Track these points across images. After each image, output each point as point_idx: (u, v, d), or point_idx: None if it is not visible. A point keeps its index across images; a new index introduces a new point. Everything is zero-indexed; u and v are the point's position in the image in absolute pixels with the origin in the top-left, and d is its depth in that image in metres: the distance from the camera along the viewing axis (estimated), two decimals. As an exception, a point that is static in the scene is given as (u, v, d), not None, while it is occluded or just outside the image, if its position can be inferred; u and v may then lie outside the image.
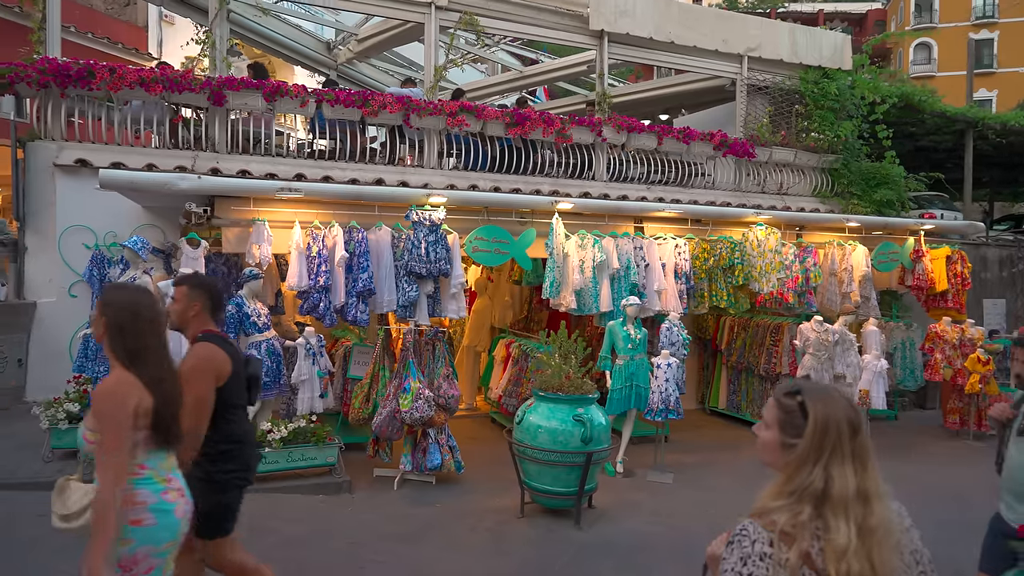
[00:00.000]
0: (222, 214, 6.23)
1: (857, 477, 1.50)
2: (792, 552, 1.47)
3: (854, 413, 1.57)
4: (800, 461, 1.55)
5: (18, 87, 7.18)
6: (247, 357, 3.26)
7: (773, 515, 1.53)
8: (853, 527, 1.47)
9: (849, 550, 1.44)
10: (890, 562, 1.48)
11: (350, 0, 8.72)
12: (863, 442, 1.55)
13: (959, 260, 9.42)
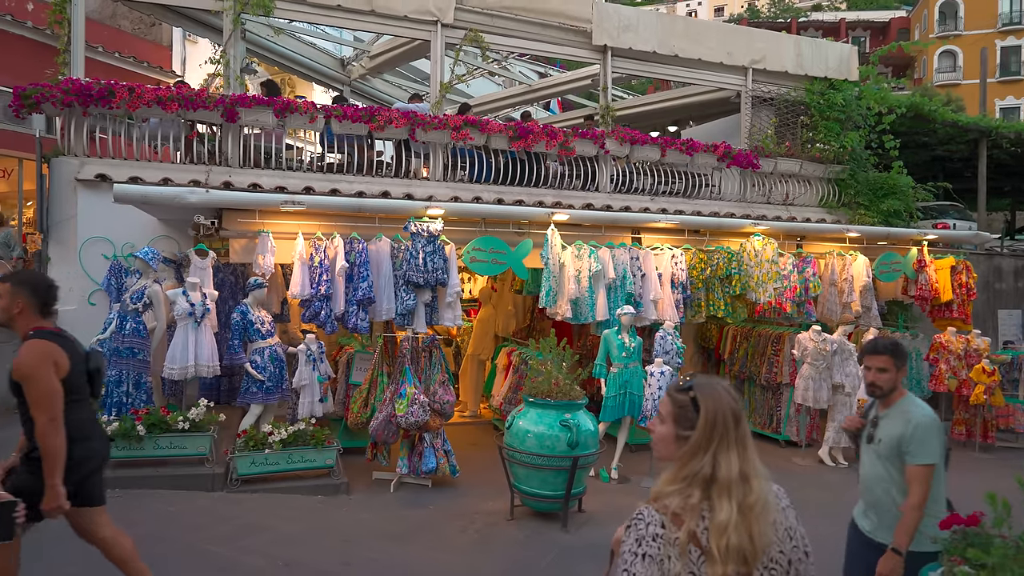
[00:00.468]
0: (229, 226, 6.53)
1: (740, 460, 1.67)
2: (681, 532, 1.63)
3: (737, 405, 1.74)
4: (692, 450, 1.70)
5: (44, 107, 7.58)
6: (88, 352, 3.34)
7: (666, 499, 1.68)
8: (734, 505, 1.62)
9: (730, 525, 1.60)
10: (766, 535, 1.62)
11: (358, 20, 9.01)
12: (744, 429, 1.72)
13: (964, 270, 9.39)
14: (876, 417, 3.05)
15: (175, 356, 5.98)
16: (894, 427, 2.93)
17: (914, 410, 2.94)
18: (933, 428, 2.89)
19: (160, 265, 6.46)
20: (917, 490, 2.84)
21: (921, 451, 2.85)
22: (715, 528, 1.62)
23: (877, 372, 3.00)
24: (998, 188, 18.82)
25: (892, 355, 3.00)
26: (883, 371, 2.99)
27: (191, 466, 5.86)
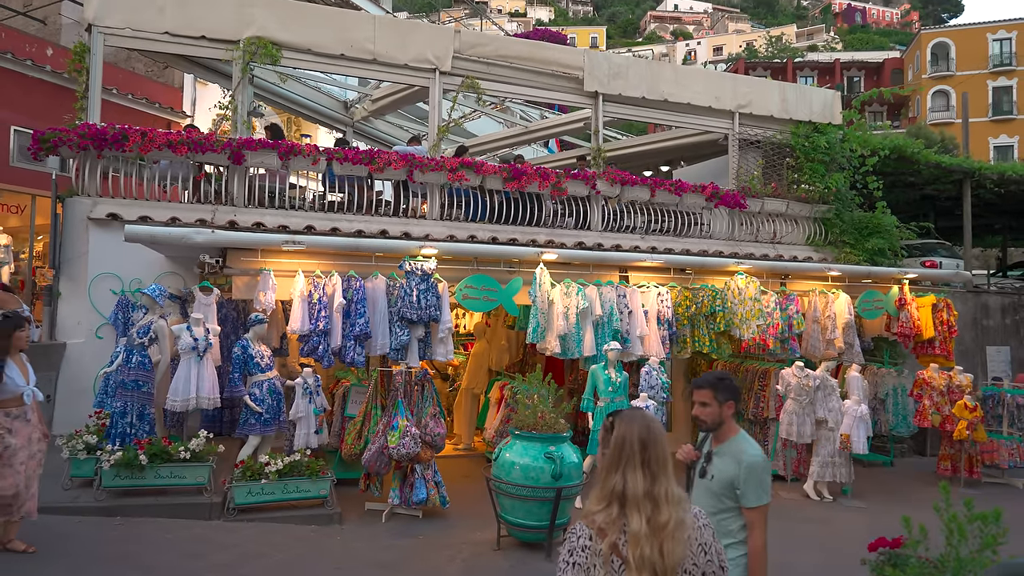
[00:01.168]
0: (233, 264, 6.85)
1: (646, 482, 1.92)
2: (604, 543, 1.89)
3: (647, 433, 2.00)
4: (607, 469, 1.99)
5: (61, 149, 8.00)
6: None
7: (594, 516, 1.95)
8: (644, 519, 1.87)
9: (641, 536, 1.85)
10: (676, 553, 1.87)
11: (361, 68, 9.48)
12: (656, 455, 1.97)
13: (945, 308, 9.64)
14: (710, 452, 3.01)
15: (178, 389, 6.25)
16: (727, 466, 2.90)
17: (746, 449, 2.92)
18: (764, 469, 2.90)
19: (166, 301, 6.76)
20: (758, 533, 2.83)
21: (754, 493, 2.83)
22: (631, 539, 1.87)
23: (700, 406, 2.98)
24: (989, 225, 19.16)
25: (713, 389, 2.96)
26: (704, 405, 2.97)
27: (190, 495, 6.08)
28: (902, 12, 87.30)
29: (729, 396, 2.98)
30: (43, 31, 16.14)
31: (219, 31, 8.72)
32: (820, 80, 48.10)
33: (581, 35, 79.76)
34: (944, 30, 44.53)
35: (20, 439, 4.87)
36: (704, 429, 3.03)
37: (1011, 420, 9.54)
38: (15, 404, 4.88)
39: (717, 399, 2.95)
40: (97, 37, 8.45)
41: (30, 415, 4.99)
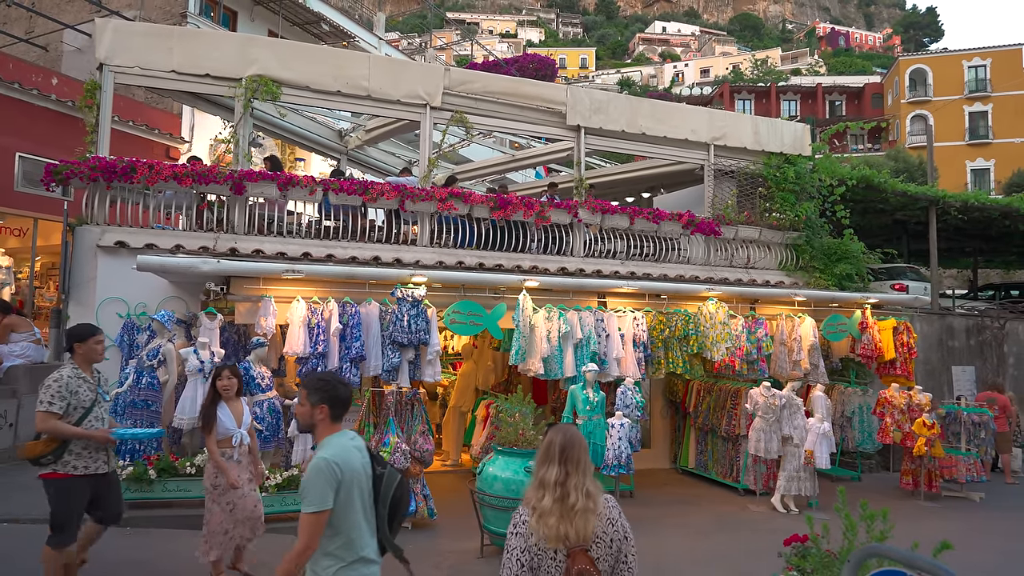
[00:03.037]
0: (236, 291, 7.35)
1: (560, 474, 2.51)
2: (532, 517, 2.49)
3: (566, 440, 2.61)
4: (537, 464, 2.63)
5: (72, 181, 8.49)
6: None
7: (530, 498, 2.57)
8: (553, 500, 2.46)
9: (549, 513, 2.43)
10: (584, 530, 2.43)
11: (356, 103, 10.05)
12: (571, 457, 2.56)
13: (905, 331, 10.25)
14: None
15: (184, 408, 6.71)
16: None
17: (317, 453, 2.86)
18: (320, 473, 2.75)
19: (173, 325, 7.23)
20: (302, 537, 2.73)
21: (305, 497, 2.75)
22: (540, 514, 2.46)
23: (299, 404, 2.97)
24: (960, 248, 19.92)
25: (307, 389, 2.93)
26: (301, 404, 2.96)
27: (195, 508, 6.48)
28: (884, 36, 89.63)
29: (322, 399, 2.90)
30: (44, 57, 16.69)
31: (223, 70, 9.27)
32: (803, 103, 49.38)
33: (571, 56, 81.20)
34: (922, 57, 45.90)
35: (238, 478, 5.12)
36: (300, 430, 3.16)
37: (968, 437, 10.12)
38: (226, 445, 5.08)
39: (310, 400, 2.91)
40: (108, 75, 8.98)
41: (239, 457, 5.17)
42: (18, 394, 7.82)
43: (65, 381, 4.44)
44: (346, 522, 2.79)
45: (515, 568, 2.41)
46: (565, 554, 2.39)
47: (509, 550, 2.47)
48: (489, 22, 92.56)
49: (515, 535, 2.48)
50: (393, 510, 2.98)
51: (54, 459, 4.43)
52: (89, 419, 4.52)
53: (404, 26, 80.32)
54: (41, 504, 6.46)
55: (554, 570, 2.39)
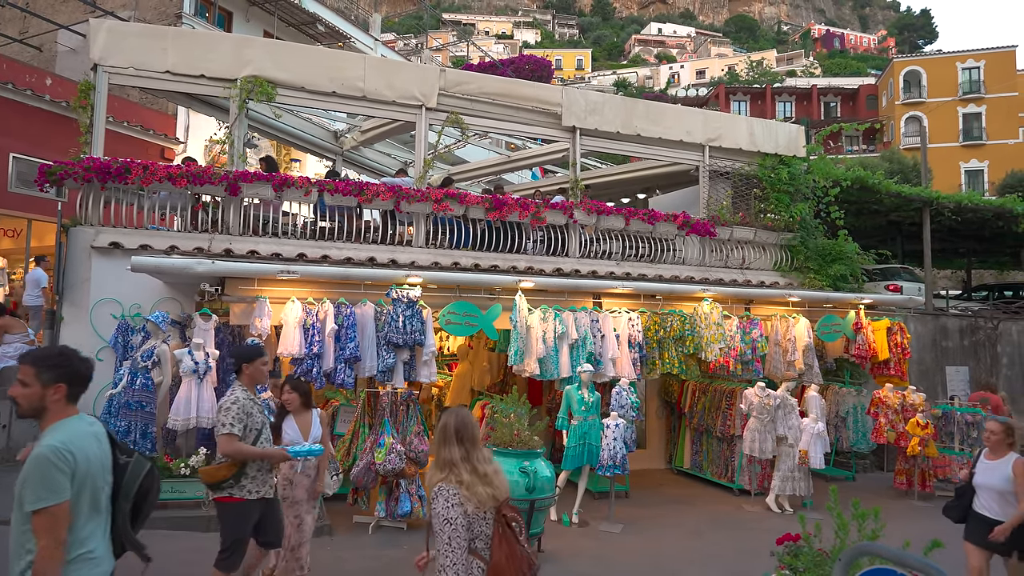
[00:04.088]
0: (231, 292, 7.34)
1: (461, 452, 2.87)
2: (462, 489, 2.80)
3: (459, 421, 2.95)
4: (437, 446, 2.96)
5: (66, 182, 8.46)
6: None
7: (448, 476, 2.86)
8: (468, 473, 2.83)
9: (470, 482, 2.80)
10: (502, 487, 2.89)
11: (351, 104, 10.04)
12: (466, 436, 2.91)
13: (899, 331, 10.29)
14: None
15: (179, 409, 6.69)
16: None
17: (41, 441, 2.46)
18: (47, 464, 2.39)
19: (168, 326, 7.22)
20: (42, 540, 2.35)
21: (33, 493, 2.36)
22: (467, 487, 2.80)
23: (19, 385, 2.51)
24: (954, 249, 20.01)
25: (36, 367, 2.51)
26: (24, 385, 2.50)
27: (189, 508, 6.50)
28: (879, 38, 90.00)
29: (59, 377, 2.52)
30: (38, 58, 16.64)
31: (218, 70, 9.25)
32: (798, 105, 49.52)
33: (567, 58, 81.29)
34: (916, 59, 46.11)
35: (299, 491, 5.13)
36: (20, 415, 2.58)
37: (962, 437, 10.17)
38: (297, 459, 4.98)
39: (41, 379, 2.50)
40: (102, 76, 8.95)
41: (309, 470, 5.17)
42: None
43: (241, 403, 4.45)
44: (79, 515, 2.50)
45: (462, 534, 2.72)
46: (493, 511, 2.82)
47: (451, 521, 2.73)
48: (485, 23, 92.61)
49: (453, 507, 2.76)
50: (139, 503, 2.79)
51: (234, 483, 4.43)
52: (261, 440, 4.53)
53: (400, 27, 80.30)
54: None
55: (485, 526, 2.80)
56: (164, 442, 7.41)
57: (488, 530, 2.78)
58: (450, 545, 2.69)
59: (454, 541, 2.69)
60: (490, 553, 2.76)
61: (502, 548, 2.76)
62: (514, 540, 2.80)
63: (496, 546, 2.77)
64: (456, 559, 2.68)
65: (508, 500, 2.87)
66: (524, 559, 2.81)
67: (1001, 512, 4.88)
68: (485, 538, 2.78)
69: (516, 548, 2.79)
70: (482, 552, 2.77)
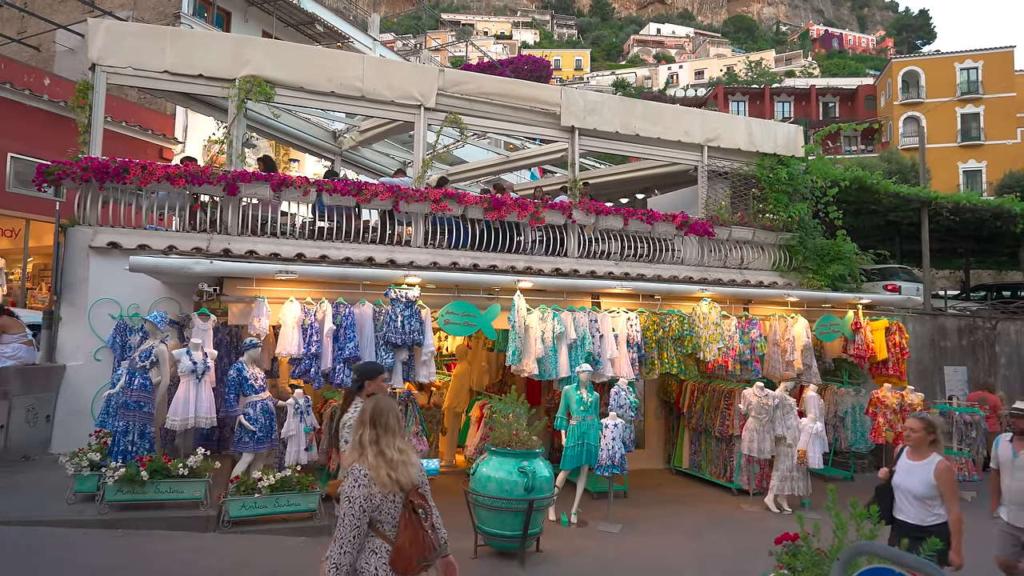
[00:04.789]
0: (229, 292, 7.33)
1: (372, 435, 3.01)
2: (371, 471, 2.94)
3: (375, 409, 3.09)
4: (355, 430, 3.10)
5: (64, 182, 8.45)
6: None
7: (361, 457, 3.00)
8: (374, 456, 2.97)
9: (375, 465, 2.94)
10: (409, 475, 2.99)
11: (350, 104, 10.04)
12: (382, 422, 3.04)
13: (897, 331, 10.30)
14: None
15: (177, 409, 6.68)
16: None
17: None
18: None
19: (166, 326, 7.20)
20: None
21: None
22: (371, 468, 2.94)
23: None
24: (952, 249, 20.03)
25: None
26: None
27: (187, 509, 6.48)
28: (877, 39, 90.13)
29: None
30: (36, 57, 16.61)
31: (216, 70, 9.25)
32: (796, 105, 49.56)
33: (566, 58, 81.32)
34: (914, 59, 46.14)
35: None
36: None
37: (960, 437, 10.17)
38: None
39: None
40: (100, 76, 8.94)
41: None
42: (9, 395, 7.77)
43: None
44: None
45: (357, 513, 2.87)
46: (402, 496, 2.96)
47: (351, 500, 2.87)
48: (484, 23, 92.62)
49: (358, 487, 2.90)
50: None
51: None
52: None
53: (399, 27, 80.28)
54: (35, 506, 6.44)
55: (394, 509, 2.94)
56: (162, 442, 7.40)
57: (396, 513, 2.95)
58: (343, 521, 2.87)
59: (347, 518, 2.86)
60: (396, 536, 2.94)
61: (406, 532, 2.94)
62: (418, 525, 2.97)
63: (401, 530, 2.94)
64: (345, 535, 2.86)
65: (418, 487, 3.03)
66: (427, 544, 2.98)
67: (918, 517, 4.50)
68: (392, 520, 2.94)
69: (420, 533, 2.96)
70: (388, 534, 2.94)
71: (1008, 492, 5.29)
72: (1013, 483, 5.19)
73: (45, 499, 6.63)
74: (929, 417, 4.70)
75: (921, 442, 4.62)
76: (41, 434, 8.20)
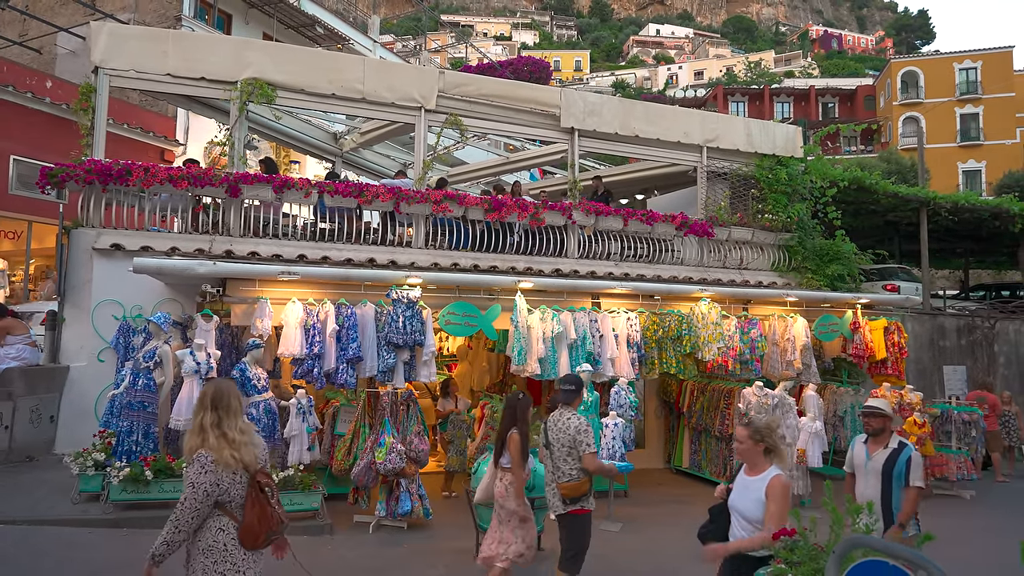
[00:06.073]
0: (232, 293, 7.38)
1: (213, 417, 3.14)
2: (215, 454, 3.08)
3: (215, 391, 3.24)
4: (195, 413, 3.24)
5: (68, 184, 8.51)
6: None
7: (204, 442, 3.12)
8: (215, 438, 3.10)
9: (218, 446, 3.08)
10: (249, 455, 3.16)
11: (351, 106, 10.08)
12: (222, 405, 3.18)
13: (896, 331, 10.35)
14: None
15: (181, 409, 6.73)
16: None
17: None
18: None
19: (169, 327, 7.26)
20: None
21: None
22: (213, 449, 3.08)
23: None
24: (951, 249, 20.09)
25: None
26: None
27: (191, 508, 6.53)
28: (876, 39, 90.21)
29: None
30: (38, 60, 16.67)
31: (218, 73, 9.30)
32: (796, 106, 49.62)
33: (565, 59, 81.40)
34: (913, 59, 46.22)
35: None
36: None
37: (959, 436, 10.22)
38: None
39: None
40: (103, 78, 9.00)
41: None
42: (13, 396, 7.82)
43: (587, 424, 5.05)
44: None
45: (201, 499, 3.01)
46: (246, 475, 3.11)
47: (195, 485, 3.01)
48: (484, 25, 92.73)
49: (205, 473, 3.04)
50: None
51: (587, 496, 4.95)
52: None
53: (399, 29, 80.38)
54: (40, 506, 6.49)
55: (240, 489, 3.10)
56: (166, 442, 7.46)
57: (242, 492, 3.10)
58: (184, 505, 3.02)
59: (189, 502, 3.02)
60: (243, 514, 3.09)
61: (254, 510, 3.09)
62: (265, 503, 3.13)
63: (249, 508, 3.10)
64: (184, 517, 3.02)
65: (262, 467, 3.20)
66: (274, 518, 3.15)
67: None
68: (239, 499, 3.10)
69: (267, 509, 3.13)
70: (235, 512, 3.10)
71: (862, 499, 4.66)
72: (867, 489, 4.75)
73: (50, 499, 6.68)
74: (756, 424, 3.88)
75: (752, 453, 3.81)
76: (45, 435, 8.26)
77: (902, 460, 4.67)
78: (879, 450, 4.83)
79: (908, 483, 4.61)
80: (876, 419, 4.89)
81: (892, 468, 4.67)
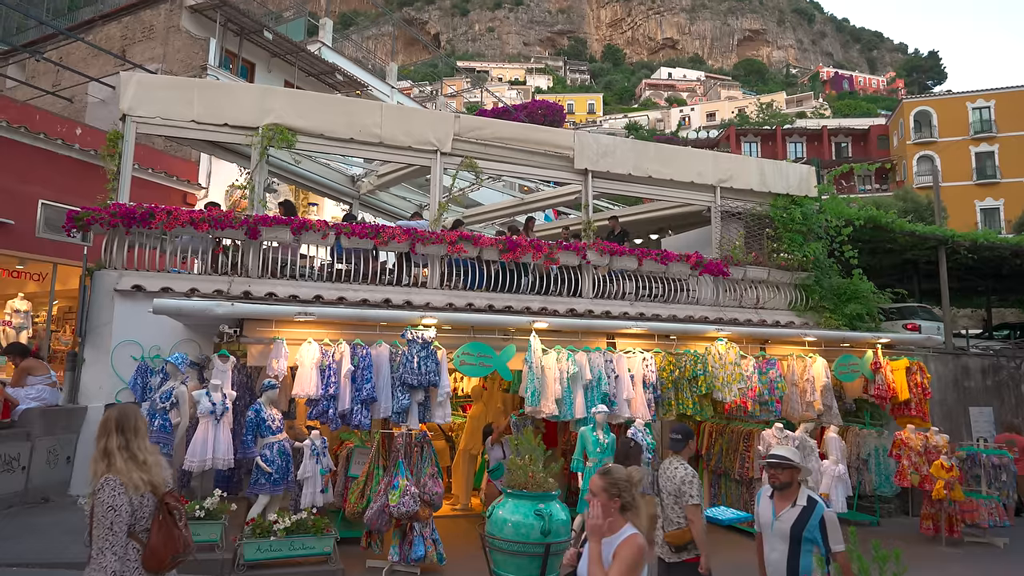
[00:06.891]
0: (249, 333, 7.44)
1: (120, 440, 3.18)
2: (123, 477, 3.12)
3: (120, 415, 3.27)
4: (98, 438, 3.24)
5: (92, 227, 8.72)
6: None
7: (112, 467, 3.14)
8: (123, 461, 3.13)
9: (126, 468, 3.11)
10: (162, 475, 3.22)
11: (368, 150, 10.29)
12: (127, 427, 3.22)
13: (918, 371, 10.14)
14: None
15: (195, 450, 6.73)
16: None
17: None
18: None
19: (186, 368, 7.31)
20: None
21: None
22: (120, 473, 3.11)
23: None
24: (973, 287, 19.80)
25: None
26: None
27: (203, 551, 6.44)
28: (888, 80, 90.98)
29: None
30: (69, 108, 17.28)
31: (241, 119, 9.57)
32: (809, 145, 49.87)
33: (579, 102, 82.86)
34: (925, 99, 46.44)
35: None
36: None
37: (989, 480, 9.90)
38: None
39: None
40: (130, 125, 9.29)
41: None
42: (31, 437, 7.86)
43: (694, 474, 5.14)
44: None
45: (125, 519, 3.05)
46: (154, 498, 3.16)
47: (116, 508, 3.03)
48: (499, 70, 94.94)
49: (119, 495, 3.07)
50: None
51: (692, 545, 4.91)
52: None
53: (416, 74, 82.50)
54: (51, 549, 6.46)
55: (146, 511, 3.14)
56: (180, 483, 7.43)
57: (148, 515, 3.13)
58: (111, 530, 3.00)
59: (115, 526, 3.02)
60: (148, 536, 3.10)
61: (160, 532, 3.11)
62: (173, 525, 3.15)
63: (155, 530, 3.11)
64: (116, 542, 3.01)
65: (170, 489, 3.26)
66: (180, 541, 3.16)
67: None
68: (145, 523, 3.12)
69: (174, 532, 3.14)
70: (140, 535, 3.11)
71: (768, 565, 4.13)
72: (772, 553, 4.09)
73: (64, 541, 6.64)
74: (613, 475, 3.30)
75: (609, 510, 3.16)
76: (61, 475, 8.26)
77: (814, 521, 3.97)
78: (786, 508, 4.10)
79: (829, 549, 3.90)
80: (783, 472, 4.15)
81: (802, 530, 3.96)
